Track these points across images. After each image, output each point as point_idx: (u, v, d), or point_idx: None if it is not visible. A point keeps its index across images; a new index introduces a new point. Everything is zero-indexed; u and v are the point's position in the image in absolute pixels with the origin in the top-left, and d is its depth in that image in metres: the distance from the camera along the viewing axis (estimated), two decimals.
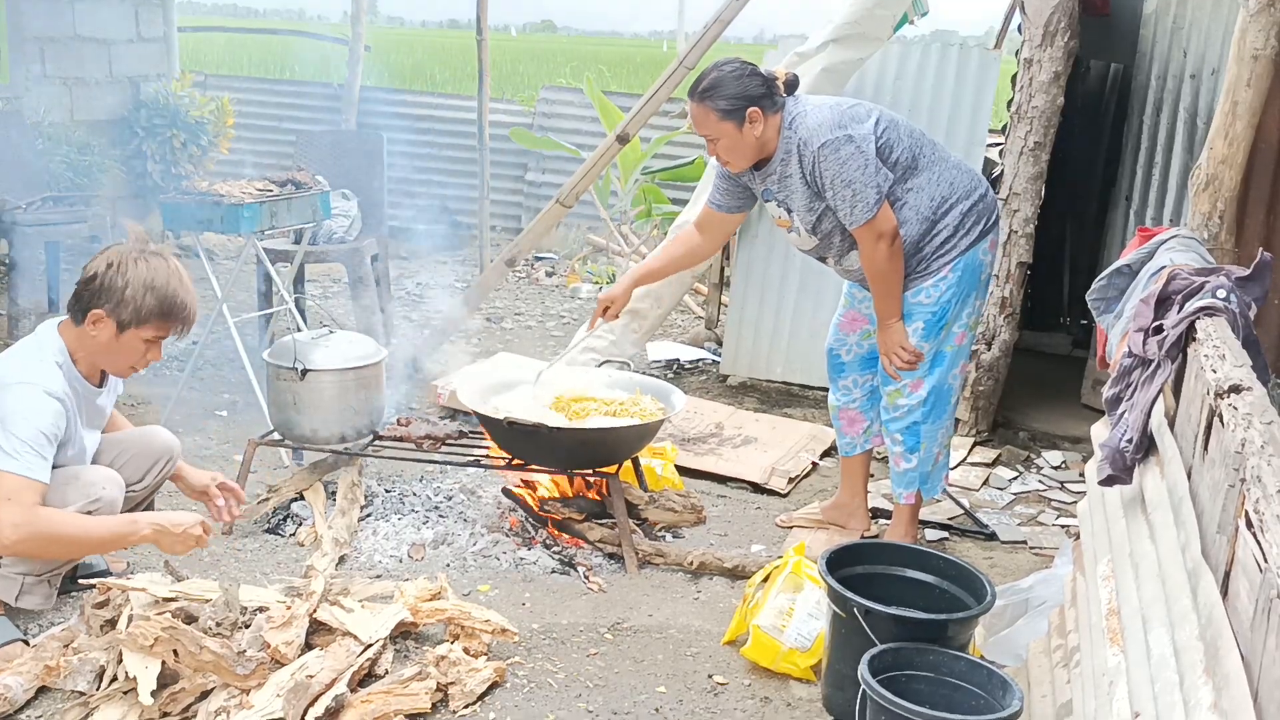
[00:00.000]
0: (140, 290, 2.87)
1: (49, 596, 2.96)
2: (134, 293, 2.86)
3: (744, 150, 3.40)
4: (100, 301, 2.87)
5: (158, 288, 2.89)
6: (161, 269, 2.92)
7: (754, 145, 3.39)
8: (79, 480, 2.91)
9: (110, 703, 2.68)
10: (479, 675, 2.85)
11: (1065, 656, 2.57)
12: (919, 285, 3.45)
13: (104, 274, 2.86)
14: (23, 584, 2.90)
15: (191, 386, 5.03)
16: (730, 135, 3.36)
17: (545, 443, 3.64)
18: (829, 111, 3.34)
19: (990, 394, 4.93)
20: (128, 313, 2.88)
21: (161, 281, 2.90)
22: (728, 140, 3.38)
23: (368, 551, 3.63)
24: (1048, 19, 4.61)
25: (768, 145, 3.40)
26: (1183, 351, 2.13)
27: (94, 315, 2.87)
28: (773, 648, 3.02)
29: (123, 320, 2.89)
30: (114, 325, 2.89)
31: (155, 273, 2.90)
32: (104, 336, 2.90)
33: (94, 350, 2.94)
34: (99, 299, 2.87)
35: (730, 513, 4.16)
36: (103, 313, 2.87)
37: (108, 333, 2.90)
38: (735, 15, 5.02)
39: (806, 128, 3.32)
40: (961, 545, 3.96)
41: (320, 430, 3.85)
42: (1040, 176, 4.77)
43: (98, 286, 2.86)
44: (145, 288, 2.87)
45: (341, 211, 5.58)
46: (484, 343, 6.18)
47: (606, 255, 8.36)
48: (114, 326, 2.89)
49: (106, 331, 2.89)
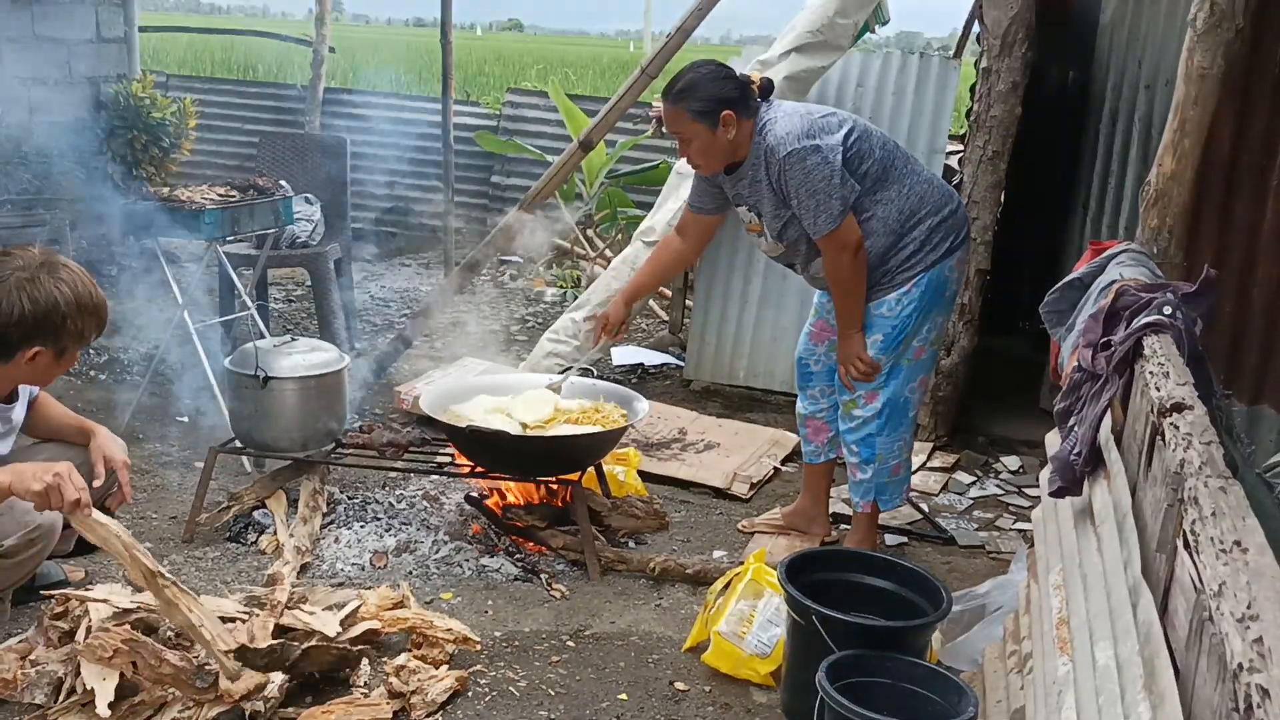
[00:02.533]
0: (74, 315, 2.78)
1: (2, 613, 2.94)
2: (69, 320, 2.77)
3: (716, 153, 3.42)
4: (37, 338, 2.76)
5: (85, 305, 2.80)
6: (71, 285, 2.78)
7: (726, 148, 3.41)
8: (13, 511, 2.78)
9: (68, 715, 2.67)
10: (440, 684, 2.87)
11: (1019, 663, 2.61)
12: (882, 298, 3.48)
13: (28, 313, 2.72)
14: None
15: (152, 392, 4.99)
16: (703, 137, 3.38)
17: (508, 450, 3.66)
18: (799, 120, 3.35)
19: (949, 399, 4.99)
20: (69, 339, 2.81)
21: (85, 298, 2.80)
22: (700, 142, 3.40)
23: (330, 559, 3.63)
24: (1005, 30, 4.67)
25: (740, 149, 3.42)
26: (1130, 367, 2.17)
27: (31, 352, 2.77)
28: (733, 654, 3.05)
29: (64, 346, 2.82)
30: (53, 354, 2.81)
31: (74, 291, 2.78)
32: (42, 364, 2.82)
33: (29, 376, 2.86)
34: (35, 337, 2.75)
35: (693, 518, 4.19)
36: (41, 347, 2.78)
37: (47, 360, 2.82)
38: (697, 24, 5.05)
39: (775, 135, 3.34)
40: (920, 550, 4.01)
41: (282, 438, 3.85)
42: (999, 185, 4.83)
43: (29, 325, 2.73)
44: (75, 311, 2.78)
45: (304, 216, 5.56)
46: (448, 347, 6.17)
47: (571, 259, 8.37)
48: (53, 355, 2.81)
49: (46, 359, 2.81)
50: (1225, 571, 1.24)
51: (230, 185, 4.85)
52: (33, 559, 2.93)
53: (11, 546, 2.83)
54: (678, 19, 5.13)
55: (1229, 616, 1.16)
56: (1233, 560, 1.25)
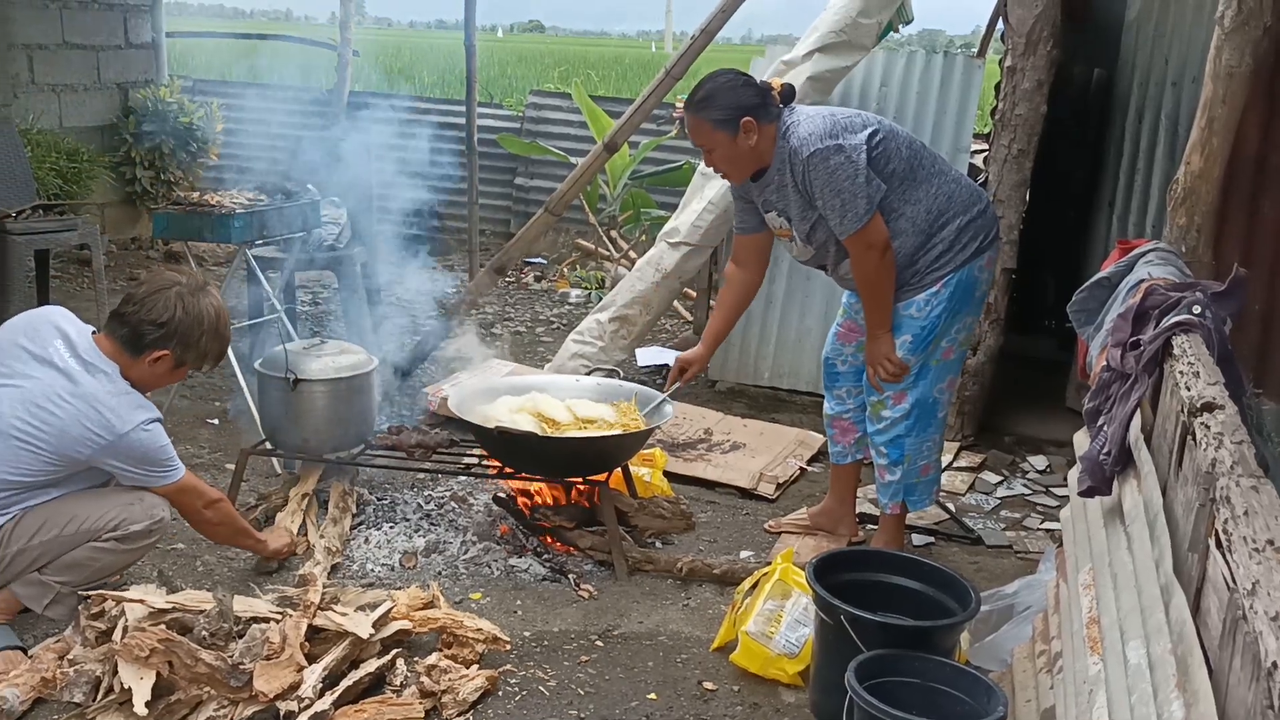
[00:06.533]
0: (209, 336, 3.08)
1: (74, 610, 3.01)
2: (204, 339, 3.06)
3: (739, 160, 3.44)
4: (169, 344, 3.01)
5: (220, 334, 3.12)
6: (218, 311, 3.11)
7: (749, 155, 3.42)
8: (143, 502, 3.07)
9: (106, 714, 2.71)
10: (471, 684, 2.89)
11: (1049, 662, 2.61)
12: (910, 298, 3.48)
13: (177, 319, 3.01)
14: (57, 593, 3.00)
15: (183, 395, 5.05)
16: (725, 145, 3.40)
17: (535, 451, 3.68)
18: (822, 121, 3.36)
19: (976, 399, 4.98)
20: (192, 355, 3.09)
21: (223, 326, 3.13)
22: (722, 150, 3.41)
23: (360, 560, 3.66)
24: (1030, 28, 4.66)
25: (764, 155, 3.43)
26: (1159, 367, 2.17)
27: (159, 355, 3.02)
28: (761, 654, 3.06)
29: (184, 360, 3.08)
30: (173, 362, 3.05)
31: (218, 316, 3.12)
32: (161, 370, 3.06)
33: (143, 377, 3.06)
34: (168, 342, 3.01)
35: (719, 519, 4.21)
36: (168, 353, 3.02)
37: (165, 367, 3.06)
38: (721, 26, 5.06)
39: (798, 137, 3.35)
40: (948, 550, 4.01)
41: (312, 439, 3.89)
42: (1024, 184, 4.82)
43: (171, 331, 3.01)
44: (211, 333, 3.08)
45: (331, 219, 5.60)
46: (474, 348, 6.20)
47: (595, 260, 8.40)
48: (173, 363, 3.06)
49: (165, 366, 3.06)
50: (1259, 570, 1.24)
51: (259, 189, 4.89)
52: (145, 548, 3.15)
53: (135, 532, 3.04)
54: (701, 20, 5.14)
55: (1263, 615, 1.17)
56: (1266, 559, 1.25)
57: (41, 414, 2.87)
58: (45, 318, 3.06)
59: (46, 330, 2.99)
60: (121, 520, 3.01)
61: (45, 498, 2.98)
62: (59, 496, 3.00)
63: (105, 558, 3.02)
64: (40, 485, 2.96)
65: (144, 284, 3.08)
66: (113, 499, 3.05)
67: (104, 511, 3.00)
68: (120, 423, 2.91)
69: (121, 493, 3.07)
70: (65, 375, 2.91)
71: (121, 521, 3.00)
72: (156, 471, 3.04)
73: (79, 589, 3.00)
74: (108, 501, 3.03)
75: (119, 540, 3.01)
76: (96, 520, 2.98)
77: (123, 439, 2.92)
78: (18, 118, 7.28)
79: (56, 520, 2.95)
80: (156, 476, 3.05)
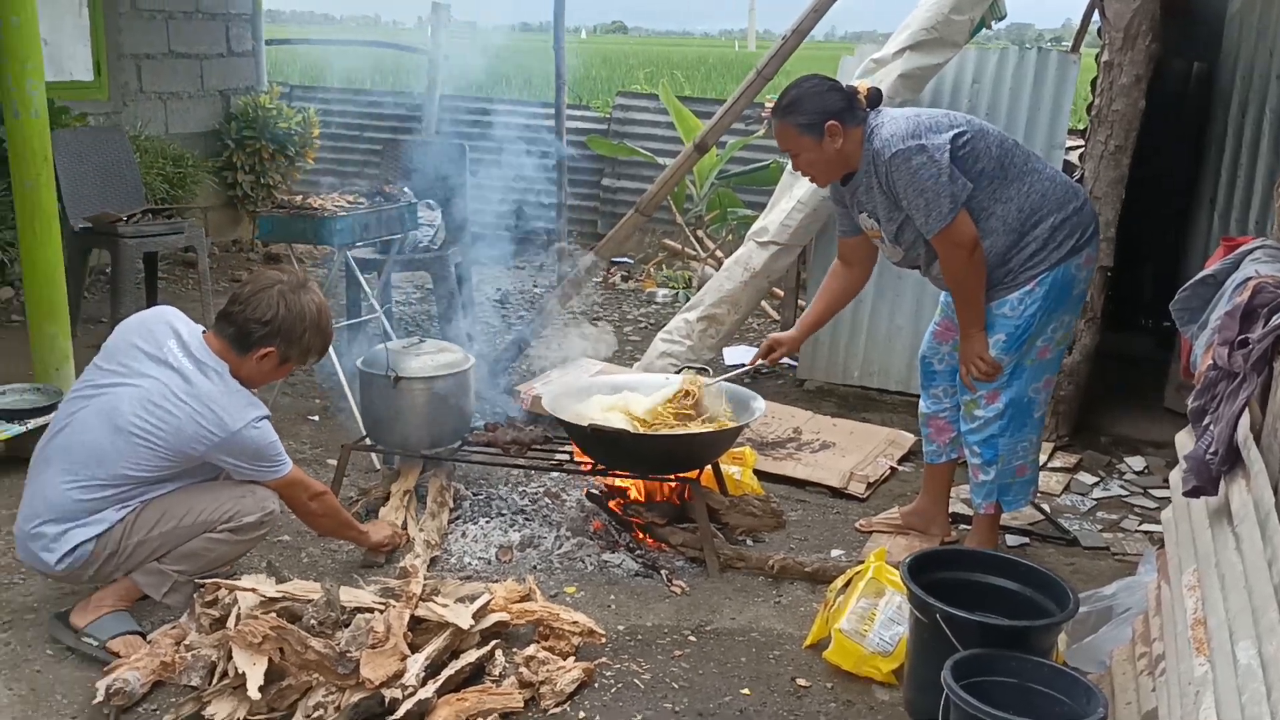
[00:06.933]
0: (311, 331, 3.17)
1: (190, 598, 3.14)
2: (307, 334, 3.16)
3: (825, 164, 3.46)
4: (274, 341, 3.12)
5: (322, 329, 3.21)
6: (319, 307, 3.19)
7: (835, 159, 3.44)
8: (255, 494, 3.19)
9: (221, 698, 2.82)
10: (568, 675, 2.95)
11: (1150, 664, 2.58)
12: (1004, 297, 3.45)
13: (280, 317, 3.10)
14: (174, 582, 3.14)
15: (284, 392, 5.20)
16: (810, 150, 3.42)
17: (628, 448, 3.73)
18: (905, 122, 3.36)
19: (1071, 398, 4.91)
20: (296, 351, 3.18)
21: (324, 322, 3.21)
22: (808, 154, 3.44)
23: (457, 553, 3.74)
24: (1129, 22, 4.58)
25: (851, 159, 3.45)
26: (1269, 365, 2.14)
27: (265, 351, 3.12)
28: (855, 652, 3.07)
29: (289, 356, 3.18)
30: (279, 358, 3.16)
31: (320, 312, 3.20)
32: (267, 366, 3.17)
33: (251, 374, 3.17)
34: (273, 339, 3.12)
35: (809, 517, 4.21)
36: (274, 349, 3.12)
37: (271, 364, 3.17)
38: (814, 25, 5.07)
39: (881, 139, 3.36)
40: (1042, 551, 3.96)
41: (411, 436, 3.98)
42: (1121, 180, 4.74)
43: (276, 328, 3.10)
44: (314, 329, 3.17)
45: (426, 221, 5.73)
46: (564, 347, 6.28)
47: (682, 260, 8.44)
48: (278, 359, 3.16)
49: (271, 363, 3.16)
50: None
51: (358, 192, 5.02)
52: (256, 539, 3.27)
53: (248, 523, 3.16)
54: (793, 20, 5.15)
55: None
56: None
57: (159, 413, 2.99)
58: (159, 317, 3.19)
59: (161, 330, 3.12)
60: (235, 512, 3.13)
61: (163, 491, 3.11)
62: (175, 490, 3.13)
63: (220, 548, 3.14)
64: (158, 480, 3.09)
65: (248, 284, 3.19)
66: (226, 492, 3.17)
67: (219, 504, 3.12)
68: (232, 420, 3.02)
69: (234, 486, 3.19)
70: (180, 375, 3.02)
71: (235, 513, 3.13)
72: (266, 466, 3.16)
73: (195, 578, 3.13)
74: (222, 494, 3.16)
75: (233, 531, 3.13)
76: (212, 512, 3.11)
77: (235, 436, 3.03)
78: (127, 125, 7.56)
79: (174, 512, 3.08)
80: (266, 471, 3.17)
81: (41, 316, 4.50)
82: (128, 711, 2.82)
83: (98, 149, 6.50)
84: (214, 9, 8.45)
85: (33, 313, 4.53)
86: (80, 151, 6.34)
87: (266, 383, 3.34)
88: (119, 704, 2.80)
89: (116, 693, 2.80)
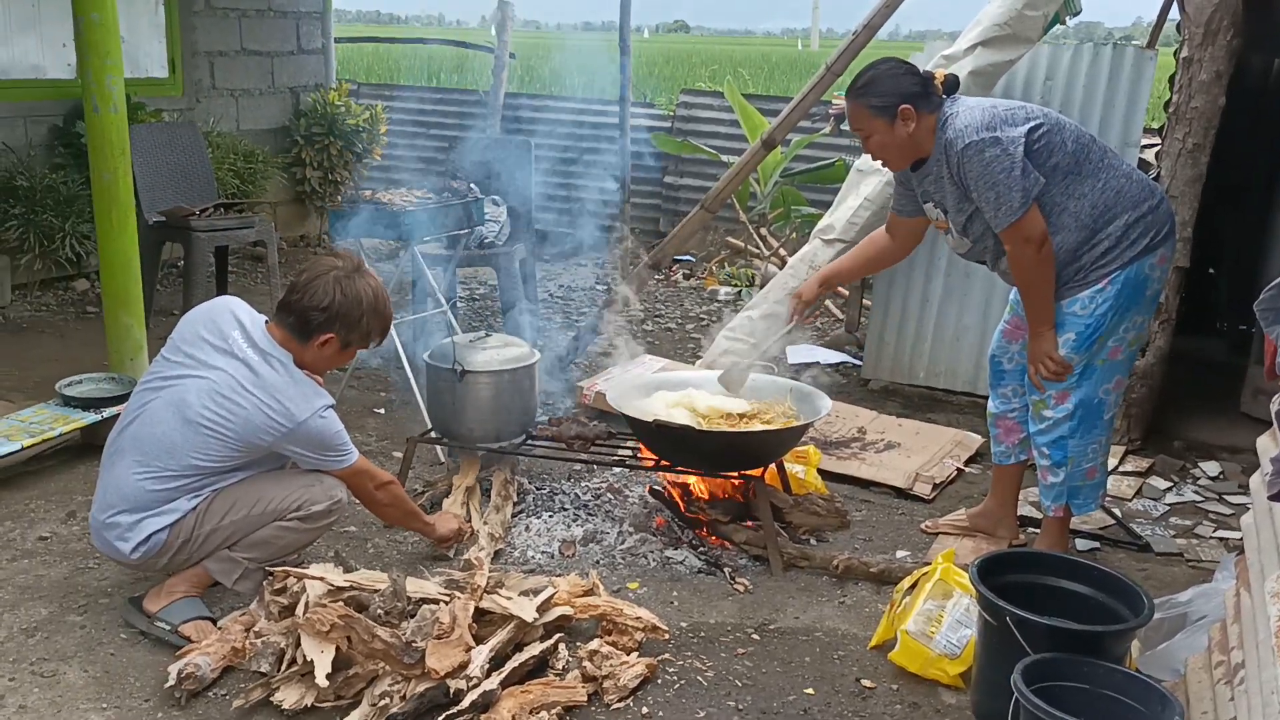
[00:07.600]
0: (369, 315, 3.18)
1: (259, 585, 3.18)
2: (364, 318, 3.18)
3: (895, 148, 3.42)
4: (332, 327, 3.14)
5: (380, 311, 3.22)
6: (375, 290, 3.20)
7: (906, 143, 3.40)
8: (323, 483, 3.24)
9: (289, 684, 2.85)
10: (631, 670, 2.95)
11: (1228, 673, 2.52)
12: (1075, 295, 3.39)
13: (337, 303, 3.12)
14: (245, 569, 3.19)
15: (351, 385, 5.27)
16: (882, 132, 3.39)
17: (692, 445, 3.72)
18: (980, 113, 3.31)
19: (1144, 401, 4.81)
20: (356, 335, 3.20)
21: (381, 304, 3.22)
22: (879, 137, 3.40)
23: (521, 547, 3.76)
24: (1209, 17, 4.47)
25: (923, 145, 3.41)
26: None
27: (325, 338, 3.15)
28: (921, 653, 3.04)
29: (350, 341, 3.21)
30: (339, 343, 3.19)
31: (376, 295, 3.19)
32: (329, 352, 3.20)
33: (314, 361, 3.21)
34: (331, 325, 3.14)
35: (874, 518, 4.17)
36: (334, 335, 3.16)
37: (332, 350, 3.20)
38: (884, 21, 5.01)
39: (954, 129, 3.31)
40: (1114, 556, 3.89)
41: (477, 429, 4.01)
42: (1199, 179, 4.63)
43: (334, 314, 3.13)
44: (371, 312, 3.18)
45: (492, 217, 5.77)
46: (627, 344, 6.29)
47: (745, 258, 8.41)
48: (339, 344, 3.19)
49: (332, 349, 3.19)
50: None
51: (426, 188, 5.07)
52: (324, 528, 3.31)
53: (317, 512, 3.21)
54: (863, 16, 5.10)
55: None
56: None
57: (227, 404, 3.03)
58: (223, 307, 3.23)
59: (225, 320, 3.16)
60: (304, 501, 3.17)
61: (232, 480, 3.16)
62: (245, 479, 3.18)
63: (289, 536, 3.19)
64: (227, 469, 3.14)
65: (304, 272, 3.21)
66: (295, 481, 3.22)
67: (288, 493, 3.17)
68: (299, 410, 3.06)
69: (302, 475, 3.24)
70: (246, 365, 3.07)
71: (304, 502, 3.17)
72: (332, 455, 3.19)
73: (264, 565, 3.18)
74: (291, 483, 3.20)
75: (302, 520, 3.18)
76: (281, 501, 3.16)
77: (301, 426, 3.07)
78: (200, 121, 7.70)
79: (245, 501, 3.14)
80: (333, 460, 3.20)
81: (117, 307, 4.59)
82: (198, 695, 2.87)
83: (172, 144, 6.63)
84: (285, 7, 8.57)
85: (109, 303, 4.62)
86: (155, 146, 6.48)
87: (329, 369, 3.36)
88: (190, 688, 2.85)
89: (188, 677, 2.85)
